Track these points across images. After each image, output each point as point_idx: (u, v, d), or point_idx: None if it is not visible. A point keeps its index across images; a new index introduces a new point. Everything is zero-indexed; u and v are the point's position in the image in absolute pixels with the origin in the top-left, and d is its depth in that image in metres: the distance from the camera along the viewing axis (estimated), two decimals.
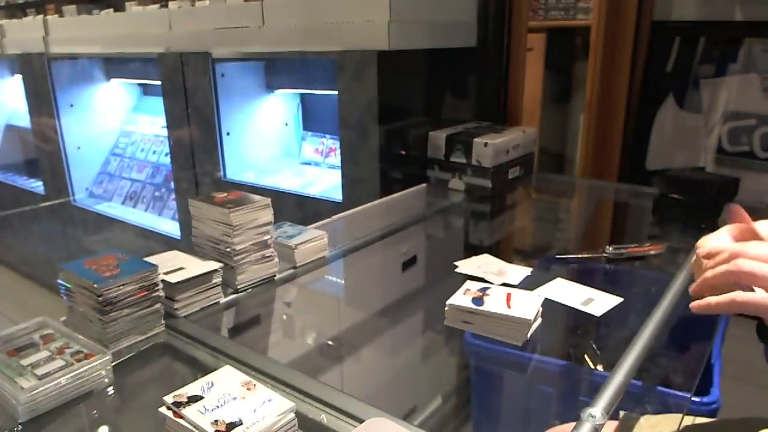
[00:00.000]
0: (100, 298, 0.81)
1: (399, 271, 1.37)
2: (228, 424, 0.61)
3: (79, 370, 0.75)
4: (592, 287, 1.03)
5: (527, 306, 0.88)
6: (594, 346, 0.98)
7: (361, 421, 0.67)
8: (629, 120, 1.90)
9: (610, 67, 1.88)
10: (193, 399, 0.65)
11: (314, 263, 1.20)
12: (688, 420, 0.79)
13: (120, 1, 2.55)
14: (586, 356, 0.98)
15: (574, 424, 0.64)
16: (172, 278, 0.94)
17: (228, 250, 1.02)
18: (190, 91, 2.19)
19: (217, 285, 1.01)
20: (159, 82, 2.32)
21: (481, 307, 0.88)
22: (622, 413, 0.73)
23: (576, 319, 1.09)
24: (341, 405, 0.71)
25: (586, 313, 0.94)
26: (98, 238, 2.91)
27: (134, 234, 2.71)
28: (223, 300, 1.02)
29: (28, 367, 0.77)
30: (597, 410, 0.55)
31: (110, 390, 0.79)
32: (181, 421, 0.62)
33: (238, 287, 1.04)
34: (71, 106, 2.91)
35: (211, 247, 1.05)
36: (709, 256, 0.64)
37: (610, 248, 1.23)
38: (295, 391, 0.75)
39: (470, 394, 1.05)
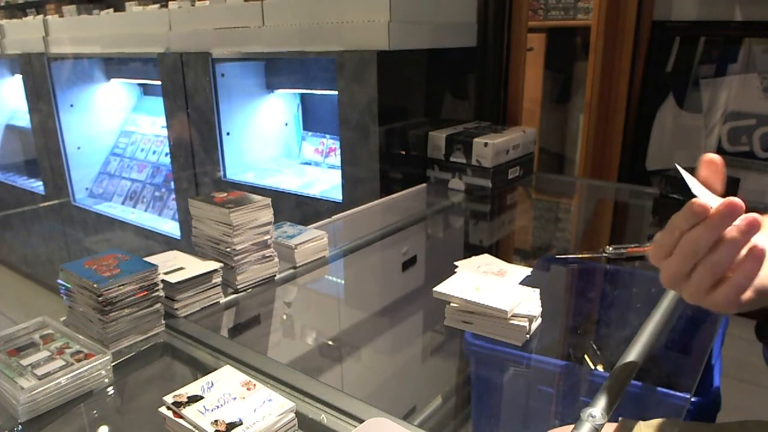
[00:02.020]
0: (100, 298, 0.81)
1: (399, 271, 1.37)
2: (228, 424, 0.61)
3: (79, 370, 0.75)
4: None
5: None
6: (594, 346, 0.98)
7: (361, 421, 0.67)
8: (629, 120, 1.90)
9: (610, 67, 1.88)
10: (193, 399, 0.65)
11: (314, 263, 1.20)
12: (687, 425, 0.79)
13: (120, 1, 2.55)
14: (586, 356, 0.98)
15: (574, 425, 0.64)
16: (172, 278, 0.94)
17: (228, 250, 1.02)
18: (190, 91, 2.19)
19: (217, 285, 1.01)
20: (159, 82, 2.32)
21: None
22: (620, 419, 0.73)
23: (576, 319, 1.09)
24: (341, 405, 0.71)
25: None
26: (98, 238, 2.91)
27: (134, 234, 2.71)
28: (223, 300, 1.02)
29: (28, 367, 0.77)
30: (597, 410, 0.55)
31: (110, 390, 0.79)
32: (181, 421, 0.62)
33: (238, 287, 1.05)
34: (71, 106, 2.91)
35: (211, 247, 1.05)
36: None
37: (610, 248, 1.23)
38: (295, 391, 0.75)
39: (470, 394, 1.05)
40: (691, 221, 0.52)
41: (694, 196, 0.52)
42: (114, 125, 3.20)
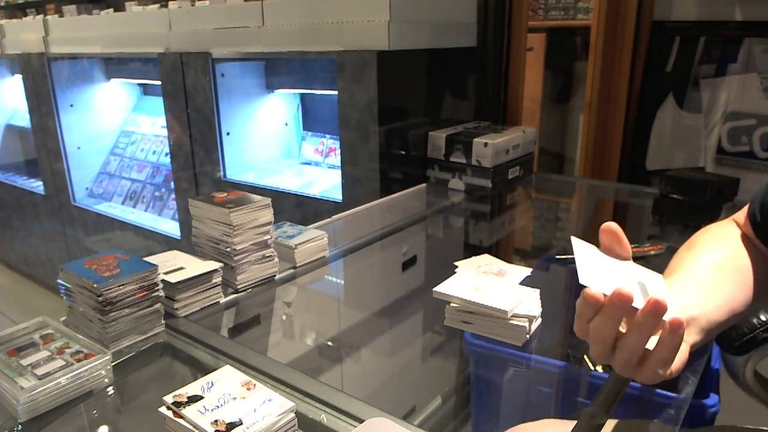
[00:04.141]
0: (100, 298, 0.81)
1: (399, 271, 1.37)
2: (228, 424, 0.61)
3: (79, 370, 0.75)
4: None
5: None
6: None
7: (361, 421, 0.67)
8: (629, 120, 1.90)
9: (610, 67, 1.88)
10: (193, 399, 0.65)
11: (314, 263, 1.20)
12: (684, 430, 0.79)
13: (120, 1, 2.55)
14: (585, 356, 0.98)
15: (543, 420, 0.64)
16: (172, 278, 0.94)
17: (228, 250, 1.02)
18: (190, 91, 2.19)
19: (217, 285, 1.01)
20: (159, 82, 2.32)
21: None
22: (616, 421, 0.73)
23: None
24: (341, 405, 0.71)
25: None
26: (98, 238, 2.91)
27: (134, 234, 2.71)
28: (223, 300, 1.02)
29: (28, 367, 0.77)
30: (596, 411, 0.55)
31: (110, 390, 0.79)
32: (181, 421, 0.62)
33: (238, 287, 1.05)
34: (71, 106, 2.91)
35: (211, 247, 1.05)
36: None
37: None
38: (295, 391, 0.75)
39: (470, 394, 1.05)
40: (591, 310, 0.52)
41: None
42: (114, 125, 3.20)
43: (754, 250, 0.70)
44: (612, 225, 0.56)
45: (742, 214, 0.74)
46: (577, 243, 0.55)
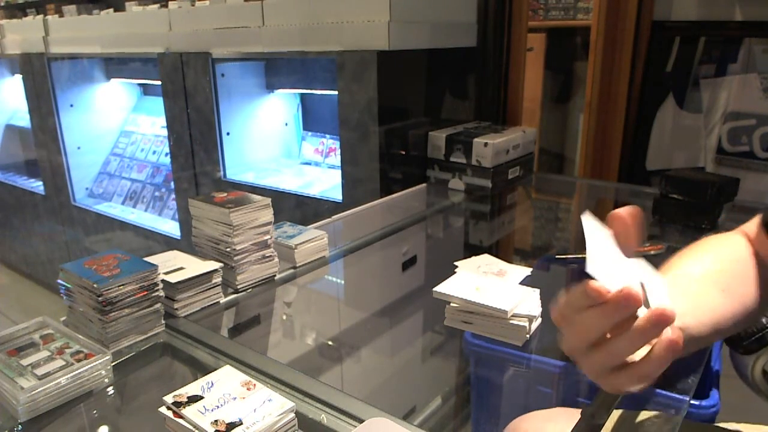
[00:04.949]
0: (100, 298, 0.81)
1: (399, 271, 1.37)
2: (228, 424, 0.61)
3: (79, 370, 0.75)
4: None
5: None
6: None
7: (361, 421, 0.67)
8: (629, 120, 1.90)
9: (610, 67, 1.88)
10: (193, 399, 0.65)
11: (314, 263, 1.20)
12: (684, 425, 0.79)
13: (120, 1, 2.55)
14: None
15: (552, 409, 0.63)
16: (172, 278, 0.94)
17: (228, 250, 1.02)
18: (190, 91, 2.19)
19: (217, 285, 1.01)
20: (159, 82, 2.32)
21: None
22: (620, 411, 0.73)
23: None
24: (341, 405, 0.71)
25: None
26: (98, 238, 2.91)
27: (134, 234, 2.71)
28: (223, 300, 1.02)
29: (28, 367, 0.77)
30: (596, 411, 0.55)
31: (110, 390, 0.79)
32: (181, 421, 0.62)
33: (238, 287, 1.05)
34: (71, 106, 2.91)
35: (211, 247, 1.05)
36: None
37: None
38: (295, 391, 0.75)
39: (470, 394, 1.05)
40: (586, 302, 0.47)
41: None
42: (114, 125, 3.20)
43: (761, 264, 0.65)
44: (623, 214, 0.51)
45: (753, 225, 0.69)
46: (588, 224, 0.49)
